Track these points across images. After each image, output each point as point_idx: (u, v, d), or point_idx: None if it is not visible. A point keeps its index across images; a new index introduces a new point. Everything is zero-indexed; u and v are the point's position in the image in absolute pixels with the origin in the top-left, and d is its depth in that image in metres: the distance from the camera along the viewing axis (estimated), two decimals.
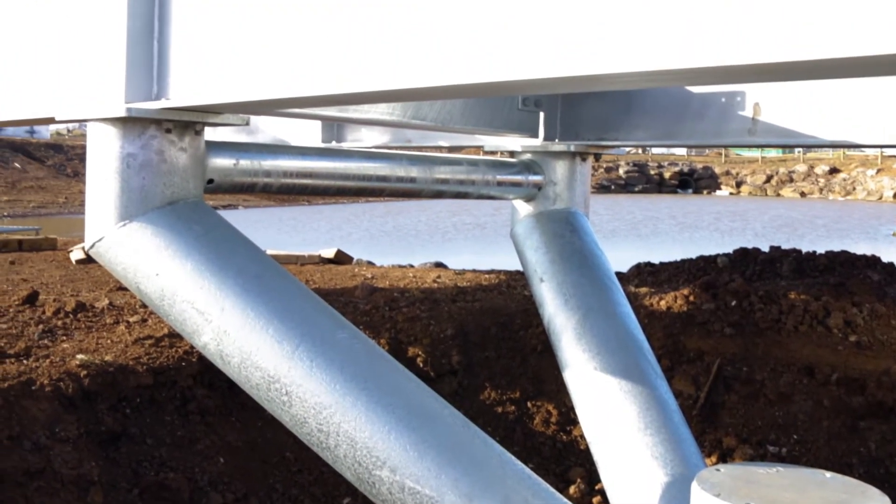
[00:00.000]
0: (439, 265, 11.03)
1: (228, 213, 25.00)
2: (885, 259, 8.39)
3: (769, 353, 6.37)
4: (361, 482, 2.56)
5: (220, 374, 2.98)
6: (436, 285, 8.49)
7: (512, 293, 8.01)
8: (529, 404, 6.64)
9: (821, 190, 51.24)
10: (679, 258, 9.63)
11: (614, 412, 3.83)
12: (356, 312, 7.04)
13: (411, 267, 10.79)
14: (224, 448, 5.61)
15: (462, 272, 9.76)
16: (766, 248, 9.42)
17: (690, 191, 53.60)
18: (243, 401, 5.58)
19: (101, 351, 5.63)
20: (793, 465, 2.73)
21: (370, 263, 10.98)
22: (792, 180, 53.13)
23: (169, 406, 5.59)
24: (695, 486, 2.51)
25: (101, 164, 2.77)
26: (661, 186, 53.22)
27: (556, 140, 4.42)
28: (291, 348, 2.57)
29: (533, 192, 4.49)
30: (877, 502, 2.42)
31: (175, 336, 5.88)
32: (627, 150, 4.67)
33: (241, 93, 2.43)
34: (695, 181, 54.69)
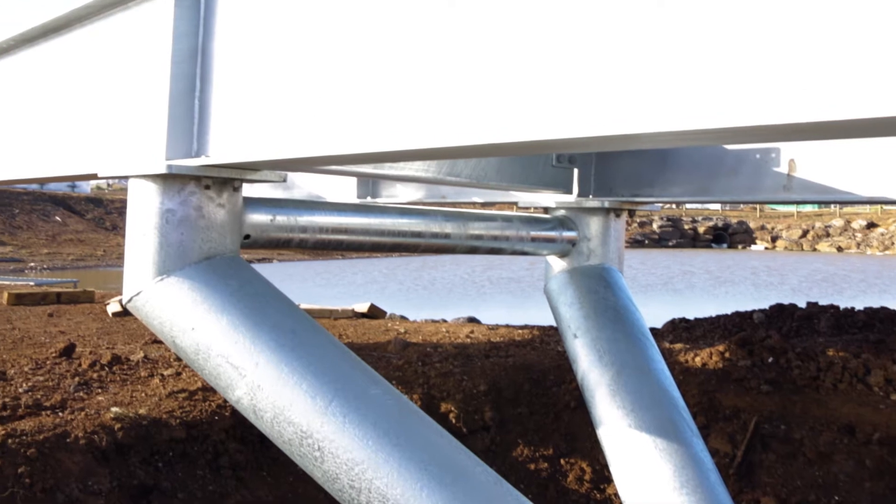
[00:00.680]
0: (472, 320, 11.02)
1: (263, 267, 25.17)
2: None
3: (808, 412, 6.26)
4: None
5: (252, 428, 2.99)
6: (469, 340, 8.47)
7: (545, 349, 7.97)
8: (563, 461, 6.56)
9: (858, 245, 50.71)
10: (714, 314, 9.55)
11: (649, 470, 3.78)
12: (389, 367, 7.03)
13: (444, 322, 10.79)
14: (255, 503, 5.59)
15: (495, 327, 9.73)
16: (802, 304, 9.32)
17: (725, 245, 53.26)
18: (275, 455, 5.57)
19: (136, 404, 5.66)
20: None
21: (403, 318, 10.99)
22: (828, 235, 52.68)
23: (201, 460, 5.59)
24: None
25: (140, 219, 2.82)
26: (695, 241, 52.96)
27: (590, 196, 4.43)
28: (324, 403, 2.57)
29: (567, 248, 4.49)
30: None
31: (208, 390, 5.90)
32: (661, 205, 4.66)
33: (279, 150, 2.46)
34: (729, 236, 54.37)
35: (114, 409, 5.41)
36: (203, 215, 2.81)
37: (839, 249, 50.30)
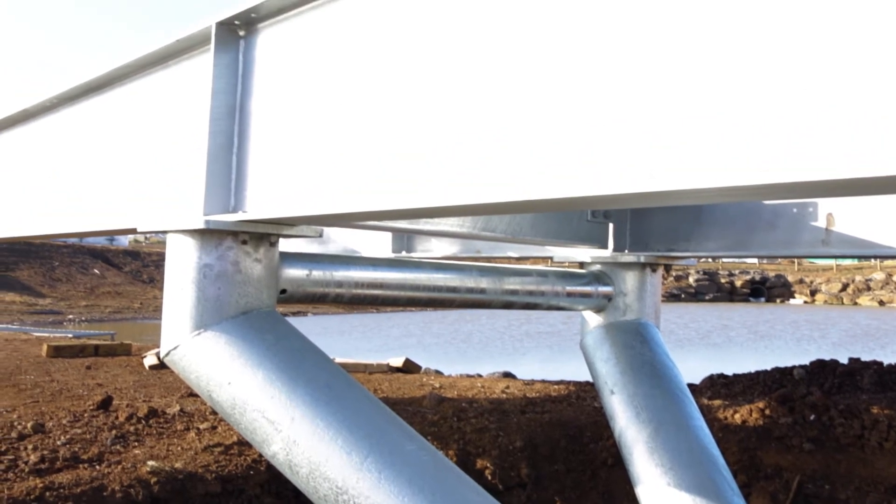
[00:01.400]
0: (508, 375, 10.95)
1: (298, 320, 25.25)
2: None
3: (853, 471, 6.12)
4: None
5: (287, 483, 2.98)
6: (504, 396, 8.40)
7: (582, 404, 7.89)
8: None
9: None
10: (753, 369, 9.41)
11: None
12: (424, 423, 6.98)
13: (480, 376, 10.72)
14: None
15: (531, 382, 9.66)
16: (844, 360, 9.16)
17: (763, 299, 52.65)
18: None
19: (172, 458, 5.66)
20: None
21: (438, 372, 10.95)
22: (869, 288, 51.92)
23: None
24: None
25: (178, 273, 2.84)
26: (732, 295, 52.41)
27: (626, 251, 4.41)
28: (360, 459, 2.55)
29: (603, 303, 4.47)
30: None
31: (244, 444, 5.89)
32: (697, 259, 4.64)
33: (316, 206, 2.48)
34: (767, 289, 53.76)
35: (150, 463, 5.42)
36: (240, 270, 2.83)
37: (881, 303, 49.51)
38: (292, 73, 2.58)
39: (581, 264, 4.63)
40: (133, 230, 3.30)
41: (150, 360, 10.29)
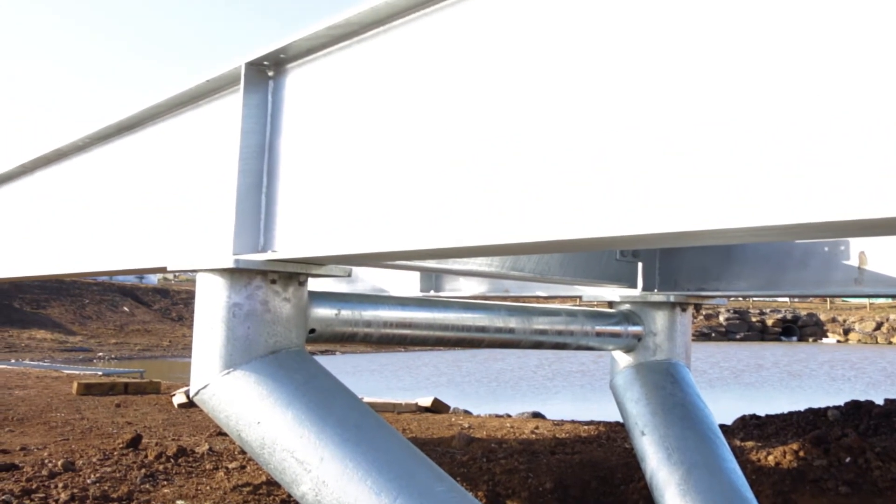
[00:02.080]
0: (537, 415, 10.87)
1: (327, 359, 25.25)
2: None
3: None
4: None
5: None
6: (534, 436, 8.34)
7: (612, 445, 7.81)
8: None
9: None
10: (786, 409, 9.29)
11: None
12: (453, 463, 6.94)
13: (509, 416, 10.66)
14: None
15: (561, 423, 9.58)
16: (880, 401, 9.01)
17: (795, 338, 51.94)
18: None
19: (201, 497, 5.65)
20: None
21: (467, 412, 10.90)
22: None
23: None
24: None
25: (208, 312, 2.85)
26: (763, 334, 51.76)
27: (655, 290, 4.39)
28: (390, 501, 2.53)
29: (632, 343, 4.43)
30: None
31: (273, 484, 5.88)
32: (728, 299, 4.60)
33: (345, 246, 2.49)
34: (799, 328, 53.05)
35: (179, 503, 5.42)
36: (269, 309, 2.84)
37: None
38: (320, 112, 2.60)
39: (610, 304, 4.60)
40: (163, 269, 3.32)
41: (178, 398, 10.33)
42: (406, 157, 2.28)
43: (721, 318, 51.60)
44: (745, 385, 22.00)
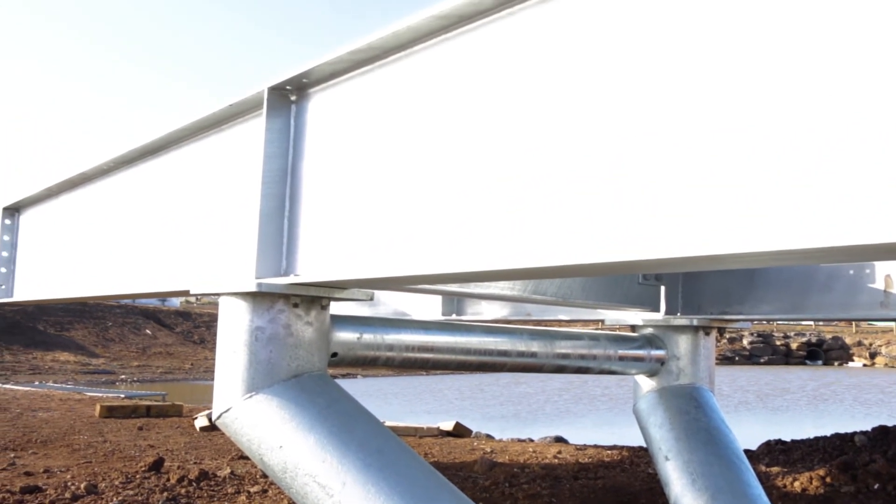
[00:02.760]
0: (560, 439, 10.81)
1: (348, 382, 25.24)
2: None
3: None
4: None
5: None
6: (556, 461, 8.28)
7: (636, 470, 7.74)
8: None
9: None
10: (812, 434, 9.19)
11: None
12: (475, 488, 6.90)
13: (531, 441, 10.60)
14: None
15: (583, 447, 9.52)
16: None
17: (820, 362, 51.42)
18: None
19: None
20: None
21: (489, 437, 10.85)
22: None
23: None
24: None
25: (230, 336, 2.86)
26: (787, 357, 51.27)
27: (678, 314, 4.36)
28: None
29: (656, 367, 4.41)
30: None
31: None
32: (751, 322, 4.57)
33: (368, 269, 2.49)
34: (824, 352, 52.51)
35: None
36: (291, 333, 2.84)
37: None
38: (342, 135, 2.62)
39: (633, 327, 4.58)
40: (186, 292, 3.33)
41: (200, 421, 10.34)
42: (427, 181, 2.29)
43: (745, 342, 51.19)
44: (770, 409, 21.79)
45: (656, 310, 4.38)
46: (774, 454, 8.67)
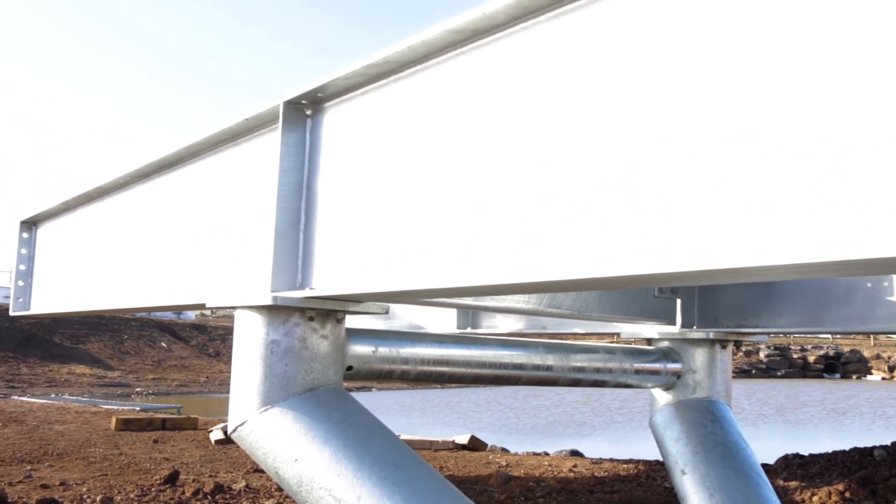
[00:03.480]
0: (575, 453, 10.76)
1: (363, 396, 25.24)
2: None
3: None
4: None
5: None
6: (572, 475, 8.25)
7: (652, 485, 7.70)
8: None
9: None
10: (830, 448, 9.12)
11: None
12: (491, 502, 6.87)
13: (546, 455, 10.56)
14: None
15: (599, 461, 9.48)
16: None
17: (837, 375, 51.03)
18: None
19: None
20: None
21: (504, 450, 10.81)
22: None
23: None
24: None
25: (246, 349, 2.86)
26: (805, 371, 50.89)
27: (694, 327, 4.34)
28: None
29: (672, 381, 4.39)
30: None
31: None
32: (768, 335, 4.54)
33: (383, 283, 2.49)
34: (842, 365, 52.10)
35: None
36: (307, 346, 2.84)
37: None
38: (358, 149, 2.62)
39: (649, 341, 4.56)
40: (201, 306, 3.34)
41: (216, 434, 10.36)
42: (442, 195, 2.29)
43: (761, 355, 50.88)
44: (788, 423, 21.64)
45: (672, 323, 4.36)
46: (792, 468, 8.61)
